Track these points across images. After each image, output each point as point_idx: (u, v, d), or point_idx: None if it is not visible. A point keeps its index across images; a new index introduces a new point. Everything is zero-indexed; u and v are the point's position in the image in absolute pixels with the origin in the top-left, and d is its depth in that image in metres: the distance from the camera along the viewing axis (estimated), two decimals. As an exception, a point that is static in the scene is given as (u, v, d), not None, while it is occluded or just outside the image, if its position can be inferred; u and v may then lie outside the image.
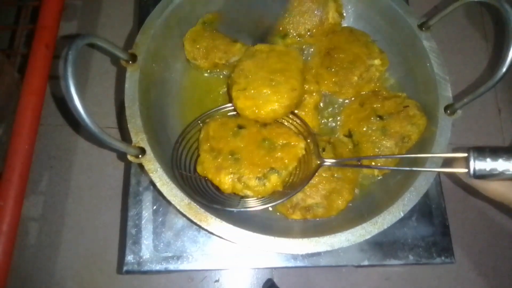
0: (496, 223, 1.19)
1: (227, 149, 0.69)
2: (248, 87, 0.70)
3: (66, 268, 1.05)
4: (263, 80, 0.71)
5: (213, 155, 0.69)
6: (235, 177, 0.66)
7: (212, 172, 0.67)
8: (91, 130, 0.51)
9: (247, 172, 0.67)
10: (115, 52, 0.65)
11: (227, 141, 0.70)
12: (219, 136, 0.71)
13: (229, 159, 0.68)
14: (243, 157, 0.68)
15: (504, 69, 0.59)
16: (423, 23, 0.76)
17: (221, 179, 0.66)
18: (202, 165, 0.68)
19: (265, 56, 0.74)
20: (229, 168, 0.67)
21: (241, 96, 0.70)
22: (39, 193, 1.09)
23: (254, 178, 0.66)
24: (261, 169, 0.67)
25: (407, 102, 0.76)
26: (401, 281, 1.10)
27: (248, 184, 0.66)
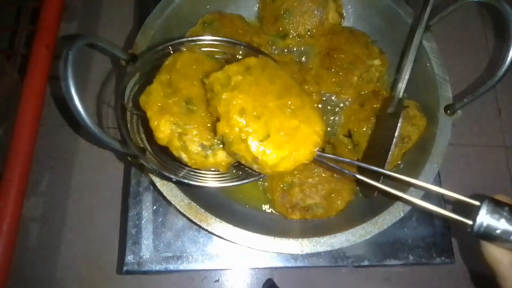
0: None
1: (186, 93, 0.57)
2: (271, 132, 0.52)
3: (67, 268, 1.04)
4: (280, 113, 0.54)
5: (166, 91, 0.57)
6: (177, 130, 0.56)
7: (154, 110, 0.56)
8: (91, 130, 0.51)
9: (193, 131, 0.56)
10: (115, 52, 0.65)
11: (191, 84, 0.58)
12: (185, 74, 0.59)
13: (181, 106, 0.57)
14: (199, 112, 0.57)
15: (504, 69, 0.60)
16: (423, 23, 0.76)
17: (159, 124, 0.55)
18: (148, 96, 0.57)
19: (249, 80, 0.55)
20: (175, 116, 0.56)
21: (270, 148, 0.52)
22: (40, 193, 1.09)
23: (197, 143, 0.56)
24: (211, 136, 0.56)
25: (407, 103, 0.76)
26: (401, 281, 1.10)
27: (188, 147, 0.56)
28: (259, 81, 0.55)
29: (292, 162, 0.53)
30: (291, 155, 0.53)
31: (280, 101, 0.55)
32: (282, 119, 0.54)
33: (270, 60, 0.59)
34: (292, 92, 0.56)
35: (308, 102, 0.57)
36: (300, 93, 0.57)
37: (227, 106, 0.53)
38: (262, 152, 0.52)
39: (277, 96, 0.55)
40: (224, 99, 0.53)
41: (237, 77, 0.54)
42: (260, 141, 0.52)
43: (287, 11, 0.81)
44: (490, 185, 1.23)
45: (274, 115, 0.54)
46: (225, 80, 0.54)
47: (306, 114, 0.55)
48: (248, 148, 0.52)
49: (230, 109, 0.53)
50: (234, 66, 0.56)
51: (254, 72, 0.56)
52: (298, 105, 0.55)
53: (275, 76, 0.57)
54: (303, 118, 0.55)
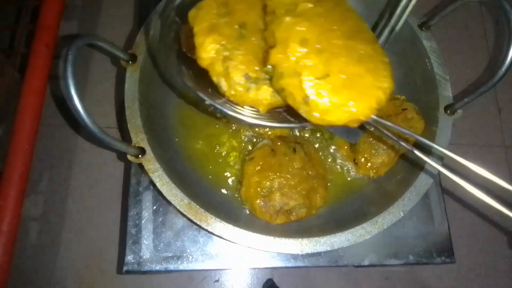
0: (496, 223, 1.19)
1: (241, 16, 0.51)
2: (331, 71, 0.44)
3: (66, 268, 1.04)
4: (346, 54, 0.45)
5: (220, 10, 0.51)
6: (222, 53, 0.49)
7: (202, 26, 0.50)
8: (91, 130, 0.51)
9: (240, 58, 0.49)
10: (115, 52, 0.65)
11: (249, 8, 0.51)
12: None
13: (233, 29, 0.50)
14: (251, 39, 0.50)
15: (504, 69, 0.60)
16: (423, 23, 0.77)
17: (205, 42, 0.49)
18: (199, 10, 0.51)
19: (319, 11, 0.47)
20: (224, 38, 0.49)
21: (325, 90, 0.44)
22: (39, 192, 1.09)
23: (242, 72, 0.49)
24: (260, 67, 0.49)
25: (405, 105, 0.76)
26: (401, 281, 1.10)
27: (230, 74, 0.49)
28: (330, 14, 0.47)
29: (345, 114, 0.45)
30: (347, 105, 0.45)
31: (349, 41, 0.46)
32: (348, 61, 0.45)
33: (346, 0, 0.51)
34: (364, 37, 0.48)
35: (381, 53, 0.49)
36: (373, 41, 0.49)
37: (288, 31, 0.45)
38: (316, 92, 0.44)
39: (346, 36, 0.46)
40: (286, 22, 0.46)
41: (305, 4, 0.47)
42: (316, 78, 0.44)
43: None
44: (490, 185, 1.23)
45: (339, 53, 0.45)
46: (291, 5, 0.47)
47: (376, 64, 0.47)
48: (300, 84, 0.44)
49: (290, 35, 0.45)
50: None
51: (326, 4, 0.48)
52: (369, 52, 0.47)
53: (348, 16, 0.49)
54: (371, 67, 0.46)
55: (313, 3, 0.47)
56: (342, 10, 0.49)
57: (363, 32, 0.49)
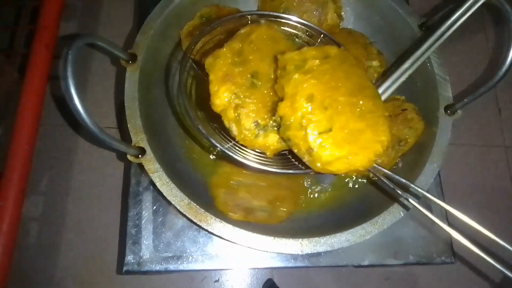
0: (496, 223, 1.19)
1: (254, 66, 0.54)
2: (334, 127, 0.48)
3: (66, 268, 1.04)
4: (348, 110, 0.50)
5: (234, 59, 0.54)
6: (235, 101, 0.53)
7: (217, 75, 0.53)
8: (91, 130, 0.51)
9: (251, 106, 0.53)
10: (115, 52, 0.65)
11: (261, 59, 0.55)
12: (258, 47, 0.55)
13: (246, 78, 0.54)
14: (262, 88, 0.54)
15: (504, 69, 0.60)
16: (423, 23, 0.77)
17: (219, 90, 0.53)
18: (215, 59, 0.54)
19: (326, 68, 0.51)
20: (237, 86, 0.53)
21: (328, 143, 0.48)
22: (39, 193, 1.09)
23: (252, 119, 0.53)
24: (268, 116, 0.53)
25: (405, 106, 0.76)
26: (401, 281, 1.10)
27: (241, 120, 0.53)
28: (335, 72, 0.51)
29: (346, 165, 0.50)
30: (348, 157, 0.49)
31: (352, 98, 0.51)
32: (350, 117, 0.50)
33: (350, 56, 0.56)
34: (367, 93, 0.53)
35: (381, 108, 0.53)
36: (375, 97, 0.54)
37: (296, 87, 0.49)
38: (319, 145, 0.48)
39: (350, 93, 0.51)
40: (295, 79, 0.50)
41: (313, 61, 0.51)
42: (320, 133, 0.49)
43: (287, 11, 0.81)
44: (490, 185, 1.23)
45: (342, 110, 0.50)
46: (300, 62, 0.51)
47: (375, 120, 0.52)
48: (305, 137, 0.49)
49: (298, 91, 0.49)
50: (313, 50, 0.53)
51: (332, 62, 0.52)
52: (370, 108, 0.52)
53: (353, 73, 0.53)
54: (371, 123, 0.51)
55: (321, 61, 0.51)
56: (348, 66, 0.53)
57: (366, 88, 0.53)
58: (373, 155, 0.50)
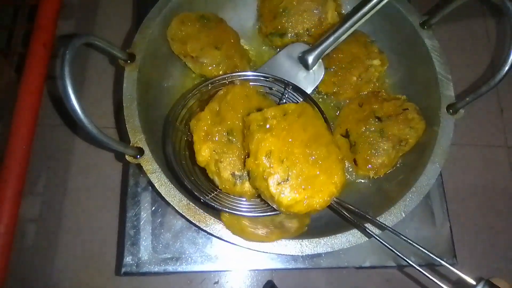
0: (498, 224, 1.19)
1: (230, 124, 0.64)
2: (291, 176, 0.57)
3: (64, 270, 1.04)
4: (303, 160, 0.58)
5: (214, 120, 0.63)
6: (214, 157, 0.62)
7: (199, 135, 0.62)
8: (89, 130, 0.50)
9: (228, 160, 0.62)
10: (113, 51, 0.65)
11: (235, 117, 0.64)
12: (233, 106, 0.64)
13: (223, 135, 0.63)
14: (237, 143, 0.63)
15: (506, 68, 0.59)
16: (425, 22, 0.76)
17: (201, 148, 0.62)
18: (198, 121, 0.63)
19: (283, 125, 0.59)
20: (216, 144, 0.62)
21: (286, 190, 0.57)
22: (37, 194, 1.08)
23: (229, 171, 0.62)
24: (242, 167, 0.62)
25: (406, 105, 0.76)
26: (402, 283, 1.10)
27: (221, 173, 0.62)
28: (292, 127, 0.59)
29: (305, 207, 0.57)
30: (306, 200, 0.57)
31: (306, 149, 0.59)
32: (304, 166, 0.58)
33: (308, 107, 0.63)
34: (321, 141, 0.60)
35: (334, 153, 0.60)
36: (329, 144, 0.61)
37: (258, 145, 0.58)
38: (278, 193, 0.56)
39: (304, 144, 0.59)
40: (256, 139, 0.58)
41: (272, 121, 0.59)
42: (278, 183, 0.57)
43: (286, 9, 0.81)
44: (492, 186, 1.23)
45: (297, 161, 0.58)
46: (262, 121, 0.60)
47: (328, 165, 0.59)
48: (267, 187, 0.57)
49: (259, 149, 0.58)
50: (273, 110, 0.60)
51: (290, 118, 0.60)
52: (323, 155, 0.59)
53: (309, 124, 0.61)
54: (325, 168, 0.58)
55: (279, 118, 0.60)
56: (304, 119, 0.61)
57: (321, 136, 0.61)
58: (327, 196, 0.58)
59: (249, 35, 0.87)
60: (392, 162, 0.76)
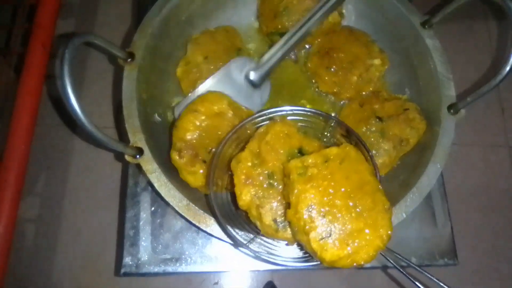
0: (499, 225, 1.19)
1: (270, 166, 0.61)
2: (334, 231, 0.54)
3: (63, 270, 1.04)
4: (346, 213, 0.55)
5: (254, 162, 0.61)
6: (256, 202, 0.60)
7: (240, 178, 0.60)
8: (88, 130, 0.50)
9: (269, 205, 0.60)
10: (112, 50, 0.64)
11: (276, 158, 0.61)
12: (273, 147, 0.62)
13: (264, 179, 0.61)
14: (278, 187, 0.61)
15: (508, 68, 0.59)
16: (426, 21, 0.76)
17: (242, 193, 0.60)
18: (238, 163, 0.61)
19: (325, 174, 0.57)
20: (257, 188, 0.60)
21: (329, 246, 0.54)
22: (36, 194, 1.08)
23: (271, 217, 0.60)
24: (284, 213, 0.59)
25: (407, 105, 0.76)
26: (403, 283, 1.09)
27: (262, 218, 0.60)
28: (334, 175, 0.57)
29: (349, 262, 0.54)
30: (350, 256, 0.54)
31: (349, 200, 0.55)
32: (348, 219, 0.54)
33: (351, 150, 0.60)
34: (366, 190, 0.57)
35: (380, 202, 0.57)
36: (374, 192, 0.57)
37: (298, 198, 0.55)
38: (320, 249, 0.53)
39: (347, 195, 0.56)
40: (297, 191, 0.56)
41: (313, 170, 0.57)
42: (321, 238, 0.53)
43: (286, 9, 0.80)
44: (494, 186, 1.23)
45: (340, 214, 0.55)
46: (302, 169, 0.57)
47: (374, 217, 0.55)
48: (309, 241, 0.54)
49: (299, 202, 0.55)
50: (313, 157, 0.58)
51: (331, 165, 0.57)
52: (368, 206, 0.56)
53: (352, 170, 0.58)
54: (370, 221, 0.55)
55: (320, 167, 0.57)
56: (347, 165, 0.58)
57: (366, 185, 0.57)
58: (373, 251, 0.54)
59: (249, 34, 0.87)
60: (393, 162, 0.75)
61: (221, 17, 0.84)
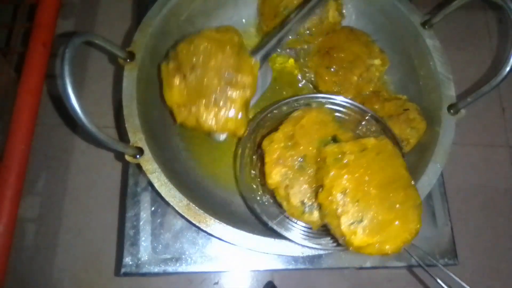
0: (500, 224, 1.19)
1: (303, 150, 0.62)
2: (365, 218, 0.55)
3: (64, 270, 1.04)
4: (379, 203, 0.56)
5: (287, 143, 0.62)
6: (285, 182, 0.61)
7: (271, 158, 0.61)
8: (88, 129, 0.50)
9: (298, 188, 0.61)
10: (112, 50, 0.64)
11: (310, 143, 0.62)
12: (308, 131, 0.63)
13: (295, 161, 0.61)
14: (309, 171, 0.61)
15: (508, 68, 0.59)
16: (426, 21, 0.76)
17: (272, 172, 0.61)
18: (270, 143, 0.62)
19: (361, 162, 0.57)
20: (288, 169, 0.61)
21: (359, 232, 0.55)
22: (36, 193, 1.08)
23: (299, 199, 0.61)
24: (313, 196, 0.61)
25: (407, 105, 0.76)
26: (403, 283, 1.09)
27: (290, 199, 0.61)
28: (370, 165, 0.57)
29: (376, 250, 0.55)
30: (377, 244, 0.55)
31: (383, 192, 0.56)
32: (380, 209, 0.55)
33: (388, 144, 0.61)
34: (399, 184, 0.58)
35: (412, 198, 0.58)
36: (407, 187, 0.58)
37: (332, 181, 0.56)
38: (350, 233, 0.54)
39: (382, 185, 0.57)
40: (332, 174, 0.57)
41: (350, 156, 0.57)
42: (351, 223, 0.54)
43: (287, 8, 0.80)
44: (494, 186, 1.23)
45: (373, 203, 0.55)
46: (338, 155, 0.58)
47: (405, 211, 0.56)
48: (339, 225, 0.55)
49: (334, 185, 0.56)
50: (351, 144, 0.59)
51: (368, 154, 0.58)
52: (400, 199, 0.57)
53: (388, 163, 0.59)
54: (401, 214, 0.56)
55: (357, 154, 0.58)
56: (383, 157, 0.59)
57: (399, 178, 0.59)
58: (401, 242, 0.56)
59: (250, 33, 0.87)
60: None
61: (222, 16, 0.84)
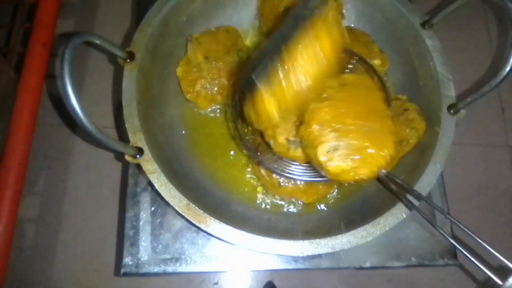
0: (499, 225, 1.19)
1: None
2: (340, 146, 0.58)
3: (63, 270, 1.04)
4: (355, 131, 0.59)
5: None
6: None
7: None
8: (88, 130, 0.50)
9: (284, 126, 0.64)
10: (112, 50, 0.64)
11: None
12: None
13: None
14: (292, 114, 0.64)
15: (508, 68, 0.59)
16: (426, 21, 0.76)
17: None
18: None
19: (339, 96, 0.61)
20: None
21: (335, 159, 0.58)
22: (36, 193, 1.08)
23: (284, 137, 0.65)
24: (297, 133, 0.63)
25: (407, 105, 0.76)
26: (403, 283, 1.09)
27: (276, 137, 0.65)
28: (348, 98, 0.61)
29: (351, 176, 0.58)
30: (352, 170, 0.58)
31: (359, 121, 0.60)
32: (355, 136, 0.59)
33: (367, 79, 0.66)
34: (375, 114, 0.61)
35: (387, 126, 0.61)
36: (383, 117, 0.62)
37: (311, 114, 0.60)
38: (326, 161, 0.58)
39: (358, 116, 0.60)
40: (312, 108, 0.61)
41: (329, 91, 0.61)
42: (327, 152, 0.58)
43: (286, 9, 0.80)
44: (494, 186, 1.23)
45: (349, 131, 0.59)
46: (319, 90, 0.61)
47: (380, 137, 0.60)
48: (316, 155, 0.58)
49: (312, 118, 0.60)
50: (331, 80, 0.62)
51: (347, 89, 0.62)
52: (376, 128, 0.60)
53: (366, 96, 0.63)
54: (376, 140, 0.59)
55: (337, 89, 0.62)
56: (361, 92, 0.63)
57: (377, 109, 0.62)
58: (375, 167, 0.58)
59: (250, 34, 0.87)
60: (393, 162, 0.75)
61: (222, 16, 0.84)
